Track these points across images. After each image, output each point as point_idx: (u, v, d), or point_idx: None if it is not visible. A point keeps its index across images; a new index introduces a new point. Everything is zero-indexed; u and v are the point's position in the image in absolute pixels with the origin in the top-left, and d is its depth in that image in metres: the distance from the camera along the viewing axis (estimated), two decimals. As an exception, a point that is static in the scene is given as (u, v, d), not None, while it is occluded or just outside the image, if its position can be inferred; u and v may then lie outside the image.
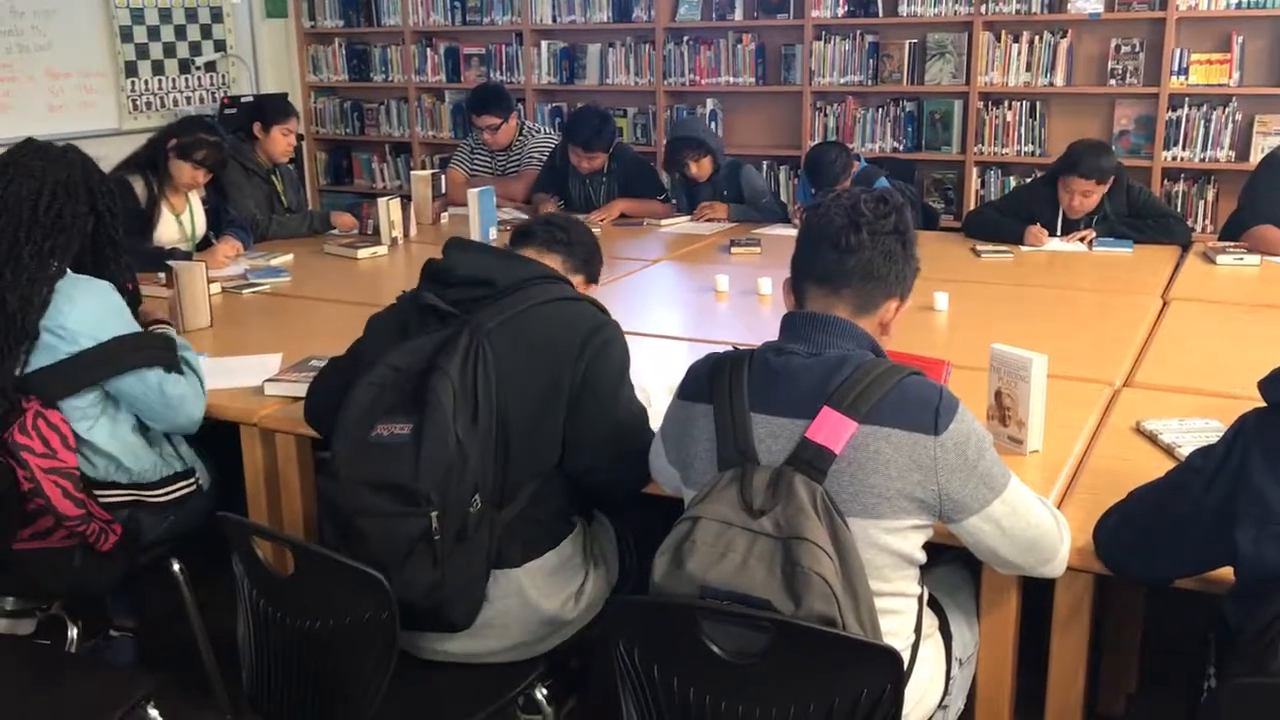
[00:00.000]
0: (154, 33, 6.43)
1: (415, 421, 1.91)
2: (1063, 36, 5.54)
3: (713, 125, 6.39)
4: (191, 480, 2.59)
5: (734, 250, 4.36)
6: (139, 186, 4.03)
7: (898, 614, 1.77)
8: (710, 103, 6.40)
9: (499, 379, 2.00)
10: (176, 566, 2.60)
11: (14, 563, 2.40)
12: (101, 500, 2.41)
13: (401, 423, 1.93)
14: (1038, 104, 5.69)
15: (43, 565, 2.42)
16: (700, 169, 5.08)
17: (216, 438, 2.75)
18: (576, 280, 2.36)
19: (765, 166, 6.30)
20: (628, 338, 2.23)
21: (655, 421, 2.07)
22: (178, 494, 2.55)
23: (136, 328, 2.49)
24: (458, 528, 1.92)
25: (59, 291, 2.34)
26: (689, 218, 5.08)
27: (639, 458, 2.17)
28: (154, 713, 2.13)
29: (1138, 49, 5.45)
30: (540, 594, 2.10)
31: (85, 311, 2.36)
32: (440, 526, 1.89)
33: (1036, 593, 2.02)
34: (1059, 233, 4.38)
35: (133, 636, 2.89)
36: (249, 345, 3.02)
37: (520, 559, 2.08)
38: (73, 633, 2.67)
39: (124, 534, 2.43)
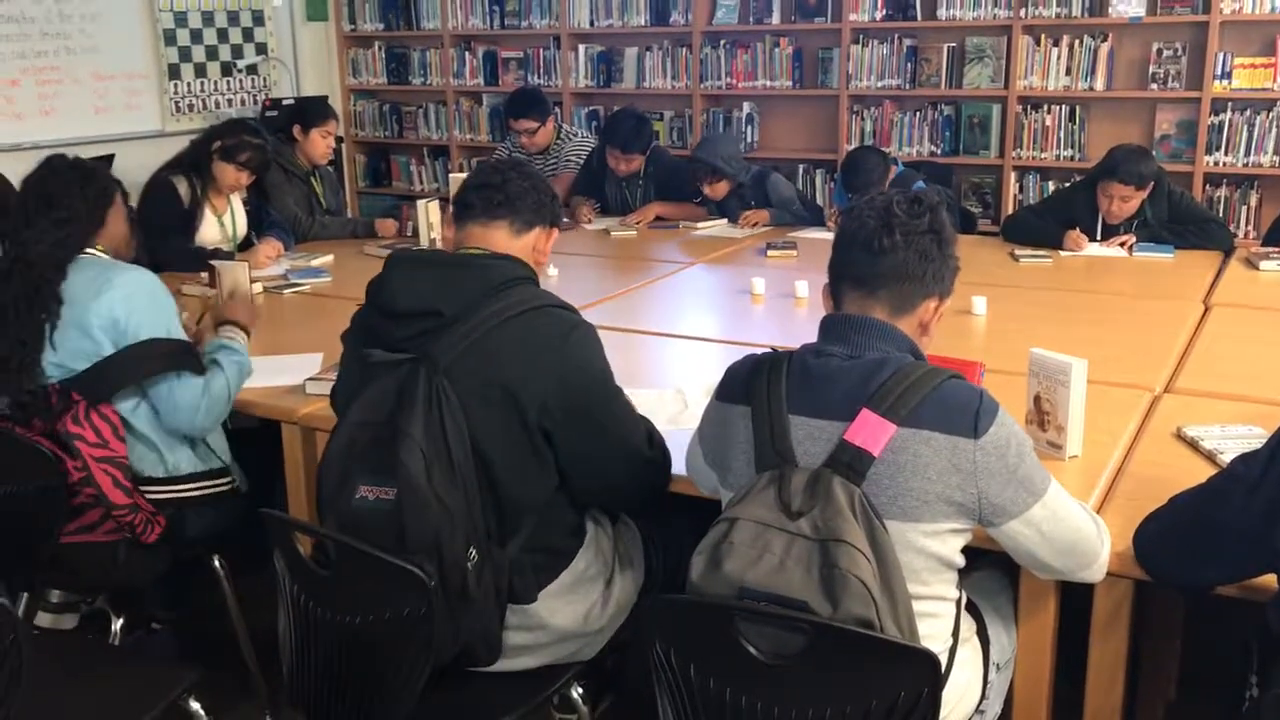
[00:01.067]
0: (197, 36, 6.51)
1: (396, 485, 1.84)
2: (1103, 40, 5.49)
3: (748, 129, 6.39)
4: (228, 480, 2.63)
5: (770, 253, 4.36)
6: (182, 187, 4.09)
7: (935, 617, 1.76)
8: (747, 106, 6.40)
9: (467, 418, 1.90)
10: (217, 563, 2.64)
11: (61, 556, 2.45)
12: (148, 495, 2.45)
13: (383, 486, 1.86)
14: (1077, 108, 5.64)
15: (88, 558, 2.46)
16: (715, 191, 5.08)
17: (257, 437, 2.79)
18: (534, 235, 2.15)
19: (801, 170, 6.30)
20: (662, 340, 2.21)
21: (693, 424, 2.07)
22: (214, 490, 2.59)
23: (177, 330, 2.55)
24: (459, 585, 1.88)
25: (111, 282, 2.41)
26: (725, 220, 5.09)
27: (652, 468, 2.15)
28: (196, 706, 2.17)
29: (1180, 52, 5.40)
30: (561, 616, 2.08)
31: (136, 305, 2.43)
32: (441, 589, 1.84)
33: (1075, 598, 2.01)
34: (1099, 238, 4.35)
35: (173, 630, 2.93)
36: (290, 344, 3.05)
37: (534, 590, 2.03)
38: (116, 626, 2.71)
39: (167, 527, 2.47)
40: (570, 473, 2.04)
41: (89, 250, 2.51)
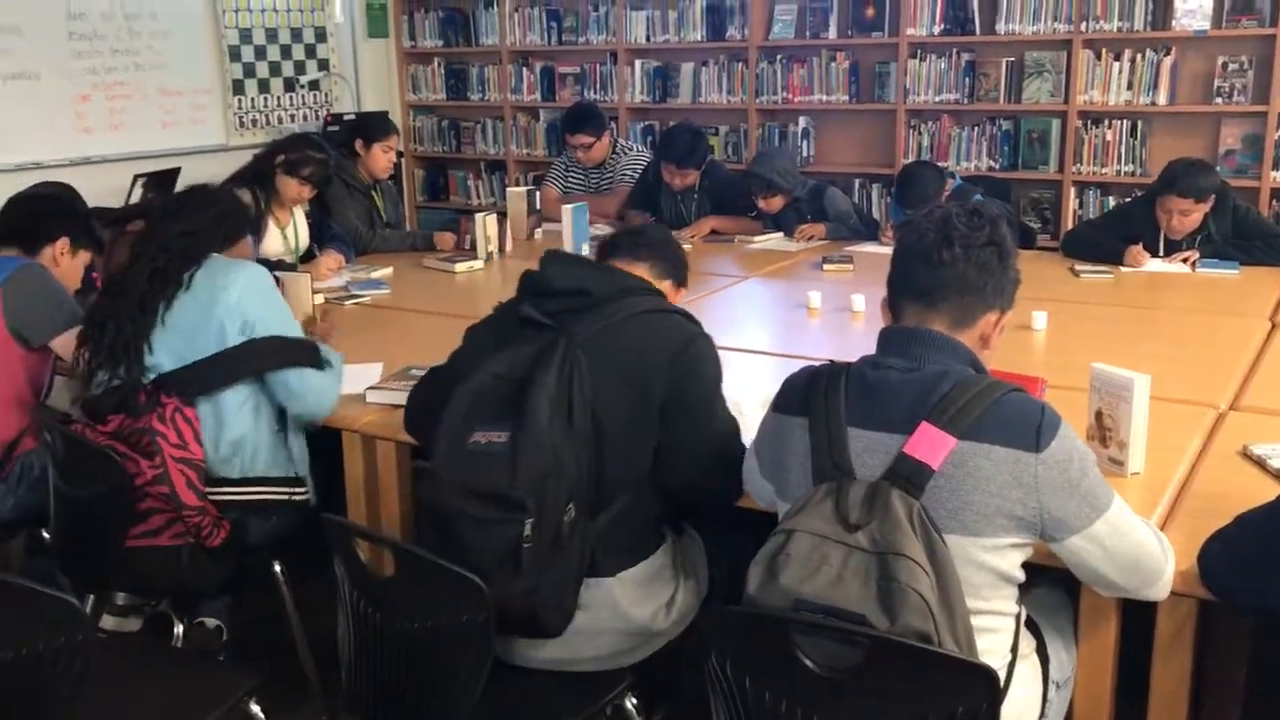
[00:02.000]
0: (260, 52, 6.63)
1: (512, 430, 1.95)
2: (1166, 54, 5.42)
3: (804, 144, 6.37)
4: (302, 491, 2.68)
5: (826, 267, 4.35)
6: (246, 200, 4.15)
7: (994, 633, 1.75)
8: (803, 121, 6.39)
9: (594, 388, 2.03)
10: (278, 568, 2.68)
11: (126, 560, 2.50)
12: (215, 497, 2.50)
13: (499, 431, 1.97)
14: (1139, 123, 5.57)
15: (152, 562, 2.51)
16: (769, 205, 5.07)
17: (317, 445, 2.82)
18: (665, 286, 2.39)
19: (857, 185, 6.27)
20: (719, 353, 2.24)
21: (748, 436, 2.07)
22: (286, 498, 2.63)
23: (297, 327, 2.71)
24: (553, 534, 1.95)
25: (238, 274, 2.58)
26: (781, 234, 5.08)
27: (733, 470, 2.18)
28: (256, 709, 2.20)
29: (1246, 66, 5.31)
30: (631, 603, 2.11)
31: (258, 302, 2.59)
32: (535, 533, 1.92)
33: (1137, 618, 1.98)
34: (1161, 253, 4.29)
35: (234, 635, 2.97)
36: (350, 354, 3.09)
37: (613, 568, 2.10)
38: (179, 629, 2.76)
39: (232, 531, 2.51)
40: (663, 456, 2.13)
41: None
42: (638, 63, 6.77)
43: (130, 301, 2.54)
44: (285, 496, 2.64)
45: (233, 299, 2.54)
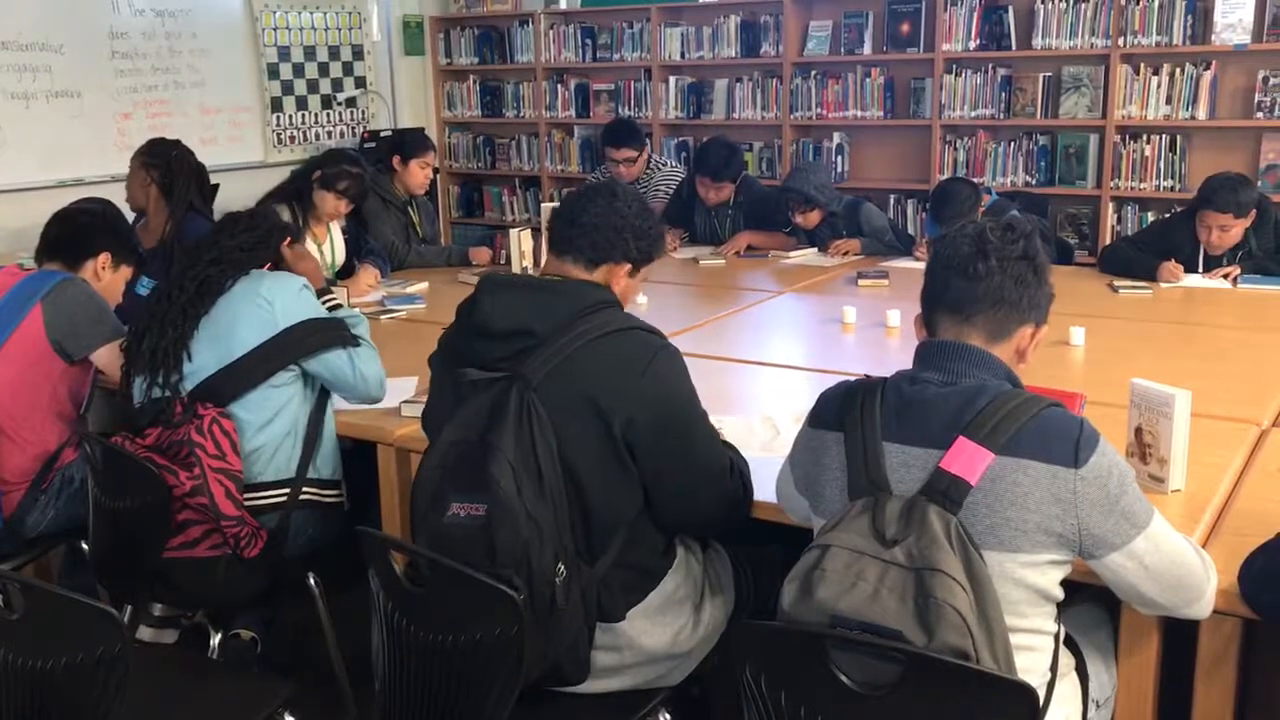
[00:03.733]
0: (298, 70, 6.71)
1: (487, 501, 1.88)
2: (1206, 68, 5.37)
3: (839, 159, 6.36)
4: (337, 494, 2.70)
5: (861, 283, 4.34)
6: (285, 215, 4.19)
7: (1033, 651, 1.72)
8: (837, 136, 6.38)
9: (557, 433, 1.94)
10: (312, 580, 2.69)
11: (162, 571, 2.52)
12: (252, 502, 2.53)
13: (475, 503, 1.90)
14: (1178, 138, 5.52)
15: (189, 574, 2.53)
16: (807, 220, 5.07)
17: (353, 458, 2.84)
18: (601, 270, 2.14)
19: (893, 201, 6.25)
20: (752, 367, 2.21)
21: (783, 451, 2.06)
22: (321, 500, 2.66)
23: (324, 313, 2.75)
24: (548, 599, 1.89)
25: (278, 287, 2.65)
26: (816, 250, 5.07)
27: (730, 496, 2.14)
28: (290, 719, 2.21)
29: (1287, 80, 5.26)
30: (649, 637, 2.08)
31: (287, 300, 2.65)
32: (529, 606, 1.85)
33: (1179, 637, 1.95)
34: (1200, 269, 4.24)
35: (257, 642, 2.98)
36: (386, 368, 3.09)
37: (623, 609, 2.05)
38: (215, 641, 2.77)
39: (269, 542, 2.53)
40: (650, 492, 2.05)
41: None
42: (672, 79, 6.79)
43: (175, 307, 2.59)
44: (320, 499, 2.67)
45: (278, 309, 2.60)
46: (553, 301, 2.04)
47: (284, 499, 2.61)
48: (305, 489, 2.64)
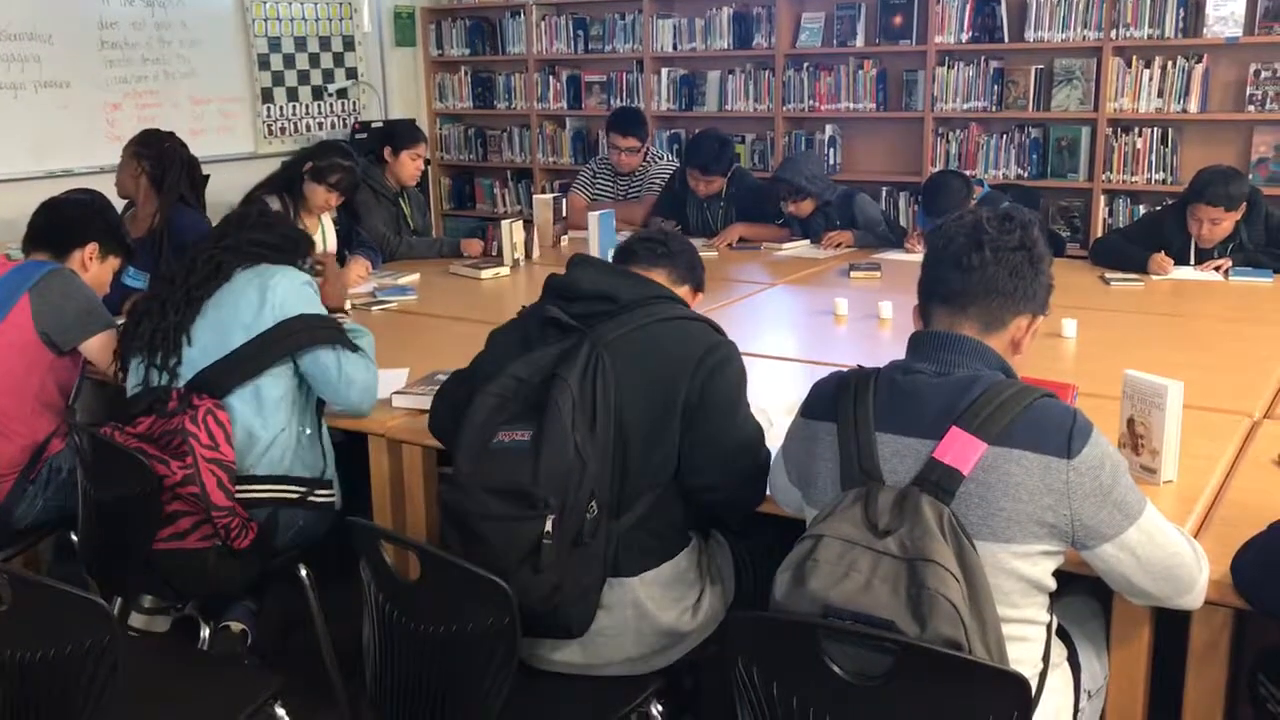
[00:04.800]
0: (289, 61, 6.68)
1: (535, 428, 1.96)
2: (1198, 61, 5.37)
3: (831, 152, 6.35)
4: (329, 494, 2.69)
5: (853, 275, 4.33)
6: (275, 207, 4.17)
7: (1025, 641, 1.72)
8: (829, 129, 6.37)
9: (618, 390, 2.04)
10: (304, 572, 2.68)
11: (152, 562, 2.51)
12: (243, 495, 2.52)
13: (522, 429, 1.98)
14: (1170, 130, 5.52)
15: (179, 565, 2.51)
16: (799, 209, 5.07)
17: (343, 449, 2.83)
18: (683, 290, 2.42)
19: (884, 193, 6.24)
20: (745, 359, 2.23)
21: (776, 442, 2.06)
22: (314, 499, 2.64)
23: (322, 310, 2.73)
24: (575, 532, 1.96)
25: (272, 269, 2.65)
26: (808, 241, 5.07)
27: (757, 477, 2.18)
28: (281, 712, 2.20)
29: (1279, 73, 5.26)
30: (655, 605, 2.10)
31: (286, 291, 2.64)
32: (557, 530, 1.92)
33: (1171, 628, 1.95)
34: (1192, 261, 4.25)
35: (247, 634, 2.97)
36: (377, 360, 3.09)
37: (636, 568, 2.10)
38: (205, 632, 2.76)
39: (259, 533, 2.52)
40: (685, 457, 2.12)
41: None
42: (664, 71, 6.77)
43: (179, 290, 2.60)
44: (311, 497, 2.65)
45: (277, 297, 2.60)
46: (635, 281, 2.24)
47: (275, 495, 2.59)
48: (297, 487, 2.63)
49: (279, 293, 2.61)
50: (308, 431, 2.67)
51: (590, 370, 2.01)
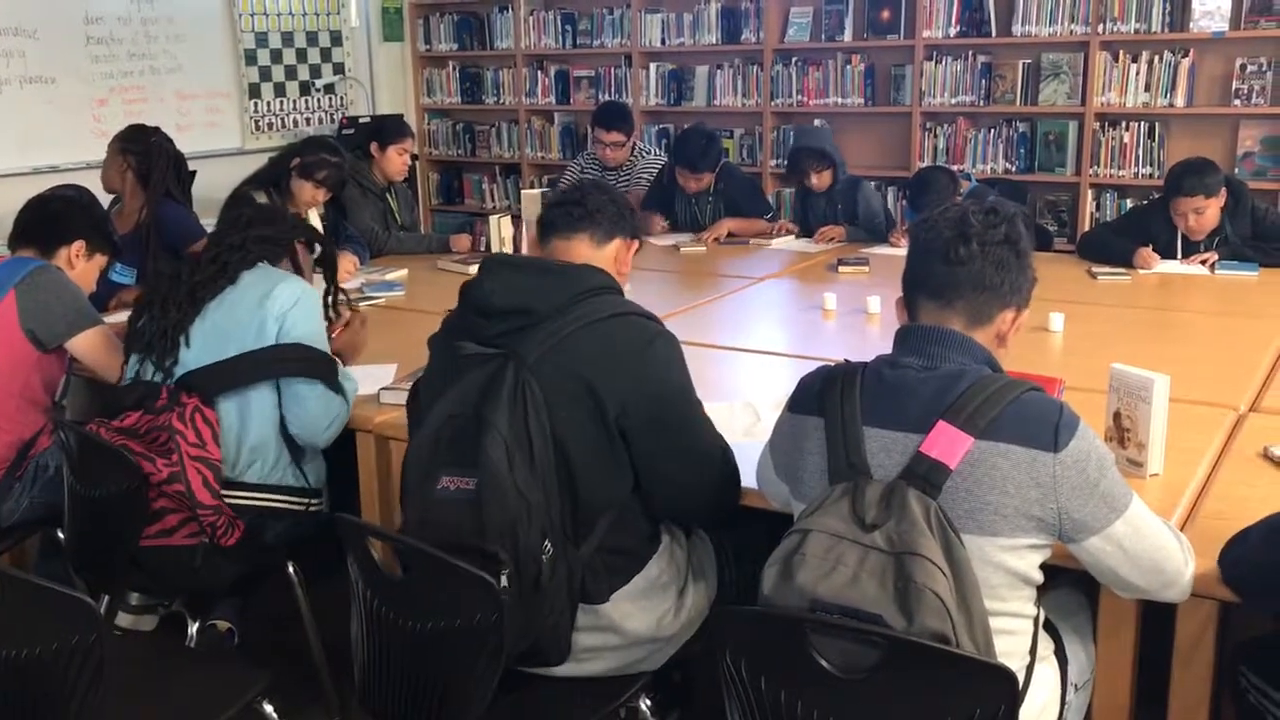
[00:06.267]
0: (276, 56, 6.65)
1: (475, 476, 1.89)
2: (1184, 56, 5.39)
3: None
4: (317, 502, 2.69)
5: (842, 269, 4.34)
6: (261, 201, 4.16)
7: (1012, 634, 1.73)
8: (818, 123, 6.36)
9: (551, 413, 1.94)
10: (291, 569, 2.67)
11: (139, 559, 2.50)
12: (231, 501, 2.50)
13: (465, 476, 1.91)
14: (1157, 125, 5.54)
15: (166, 562, 2.51)
16: (820, 180, 5.08)
17: (331, 446, 2.82)
18: (613, 247, 2.27)
19: (873, 188, 6.24)
20: (733, 354, 2.21)
21: (763, 437, 2.05)
22: (303, 507, 2.64)
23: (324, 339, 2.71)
24: (533, 577, 1.89)
25: (285, 281, 2.62)
26: (796, 236, 5.07)
27: (722, 486, 2.14)
28: (269, 709, 2.20)
29: (1265, 68, 5.28)
30: (633, 621, 2.07)
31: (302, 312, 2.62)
32: (515, 582, 1.86)
33: (1157, 620, 1.96)
34: (1179, 255, 4.26)
35: (233, 631, 2.97)
36: (365, 355, 3.09)
37: (606, 592, 2.04)
38: (192, 629, 2.76)
39: (246, 531, 2.51)
40: (643, 478, 2.06)
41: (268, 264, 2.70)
42: (652, 66, 6.77)
43: (183, 288, 2.57)
44: (300, 506, 2.64)
45: (280, 309, 2.56)
46: (553, 283, 2.06)
47: (263, 504, 2.58)
48: (287, 497, 2.62)
49: (279, 304, 2.57)
50: (298, 445, 2.65)
51: (519, 402, 1.91)
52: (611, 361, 2.00)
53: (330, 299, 2.93)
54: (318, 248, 2.95)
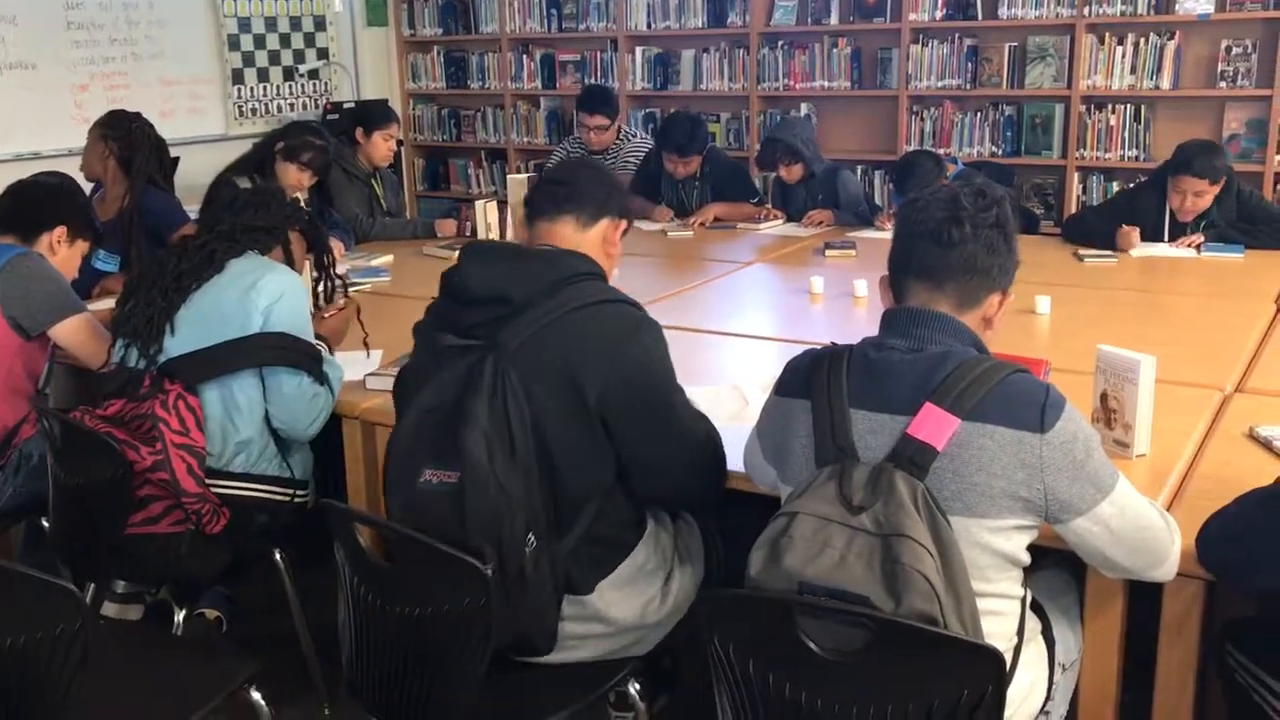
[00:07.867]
0: (260, 41, 6.61)
1: (458, 469, 1.88)
2: (1170, 38, 5.39)
3: (807, 130, 6.34)
4: (304, 494, 2.68)
5: (829, 253, 4.34)
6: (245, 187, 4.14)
7: (1000, 615, 1.73)
8: (804, 107, 6.36)
9: (531, 407, 1.92)
10: (278, 556, 2.66)
11: (125, 547, 2.49)
12: (217, 490, 2.49)
13: (447, 470, 1.90)
14: (1142, 107, 5.54)
15: (152, 550, 2.50)
16: (790, 174, 5.08)
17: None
18: (600, 228, 2.19)
19: (859, 172, 6.24)
20: (720, 338, 2.20)
21: (750, 420, 2.05)
22: (288, 499, 2.63)
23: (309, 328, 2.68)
24: (517, 569, 1.89)
25: (272, 271, 2.59)
26: (781, 220, 5.07)
27: (708, 473, 2.14)
28: (256, 696, 2.19)
29: (1250, 50, 5.29)
30: (618, 609, 2.07)
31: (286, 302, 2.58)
32: (499, 574, 1.85)
33: (1144, 600, 1.96)
34: (1166, 237, 4.27)
35: (221, 620, 2.96)
36: (350, 342, 3.07)
37: (591, 582, 2.04)
38: (179, 617, 2.75)
39: (232, 519, 2.50)
40: (627, 467, 2.05)
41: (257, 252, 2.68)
42: (638, 50, 6.74)
43: (169, 275, 2.55)
44: (286, 498, 2.63)
45: (265, 302, 2.54)
46: (534, 270, 2.02)
47: (249, 494, 2.57)
48: (272, 487, 2.60)
49: (265, 297, 2.55)
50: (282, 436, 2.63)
51: (499, 394, 1.89)
52: (592, 349, 1.97)
53: (323, 287, 2.91)
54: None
